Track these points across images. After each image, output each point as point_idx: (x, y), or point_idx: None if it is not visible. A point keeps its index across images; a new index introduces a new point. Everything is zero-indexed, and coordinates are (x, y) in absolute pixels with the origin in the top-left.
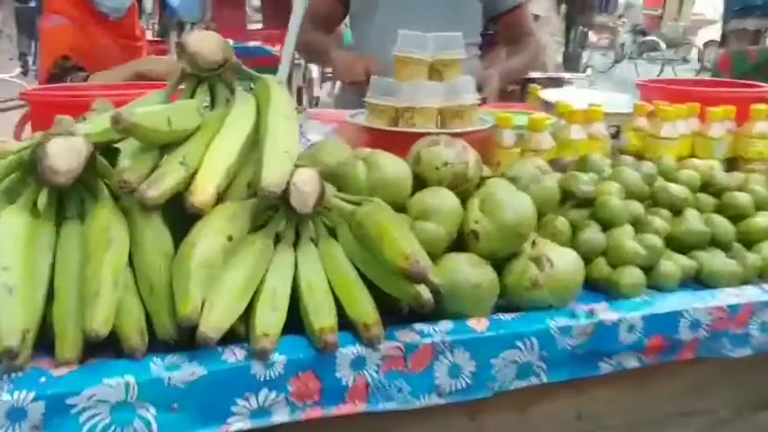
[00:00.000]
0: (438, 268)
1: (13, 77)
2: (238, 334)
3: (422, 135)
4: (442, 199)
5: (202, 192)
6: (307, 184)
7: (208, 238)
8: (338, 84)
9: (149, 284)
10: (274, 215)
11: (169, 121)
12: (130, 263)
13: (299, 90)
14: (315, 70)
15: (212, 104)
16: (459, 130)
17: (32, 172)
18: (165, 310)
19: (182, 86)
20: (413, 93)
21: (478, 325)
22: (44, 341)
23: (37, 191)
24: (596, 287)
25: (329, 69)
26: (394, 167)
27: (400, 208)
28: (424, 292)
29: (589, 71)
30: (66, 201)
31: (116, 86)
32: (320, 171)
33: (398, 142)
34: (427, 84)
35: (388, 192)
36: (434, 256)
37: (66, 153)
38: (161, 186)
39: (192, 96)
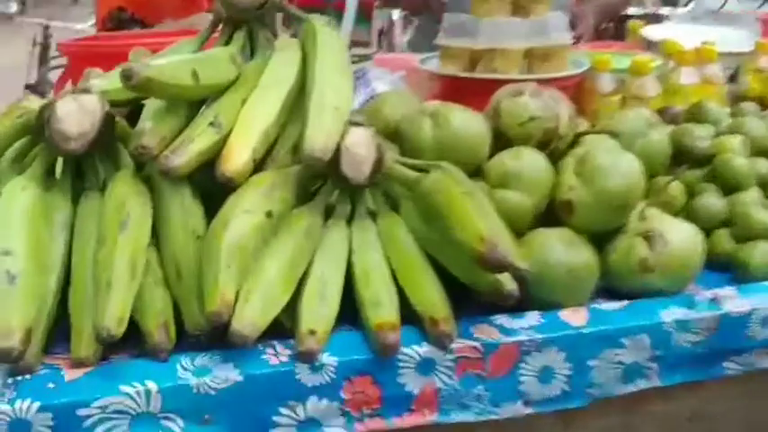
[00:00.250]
0: (524, 248)
1: (86, 27)
2: (285, 327)
3: (504, 82)
4: (528, 161)
5: (236, 158)
6: (361, 146)
7: (242, 216)
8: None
9: (176, 268)
10: (324, 185)
11: (195, 74)
12: (156, 243)
13: (380, 33)
14: (396, 12)
15: (252, 53)
16: (548, 76)
17: (41, 137)
18: (194, 298)
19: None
20: (493, 32)
21: (575, 318)
22: (65, 330)
23: (49, 159)
24: (716, 263)
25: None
26: (467, 123)
27: (476, 173)
28: (506, 281)
29: (692, 5)
30: (85, 169)
31: (161, 34)
32: (379, 130)
33: (476, 91)
34: (510, 21)
35: (460, 154)
36: (519, 233)
37: (77, 114)
38: (187, 153)
39: (227, 44)
